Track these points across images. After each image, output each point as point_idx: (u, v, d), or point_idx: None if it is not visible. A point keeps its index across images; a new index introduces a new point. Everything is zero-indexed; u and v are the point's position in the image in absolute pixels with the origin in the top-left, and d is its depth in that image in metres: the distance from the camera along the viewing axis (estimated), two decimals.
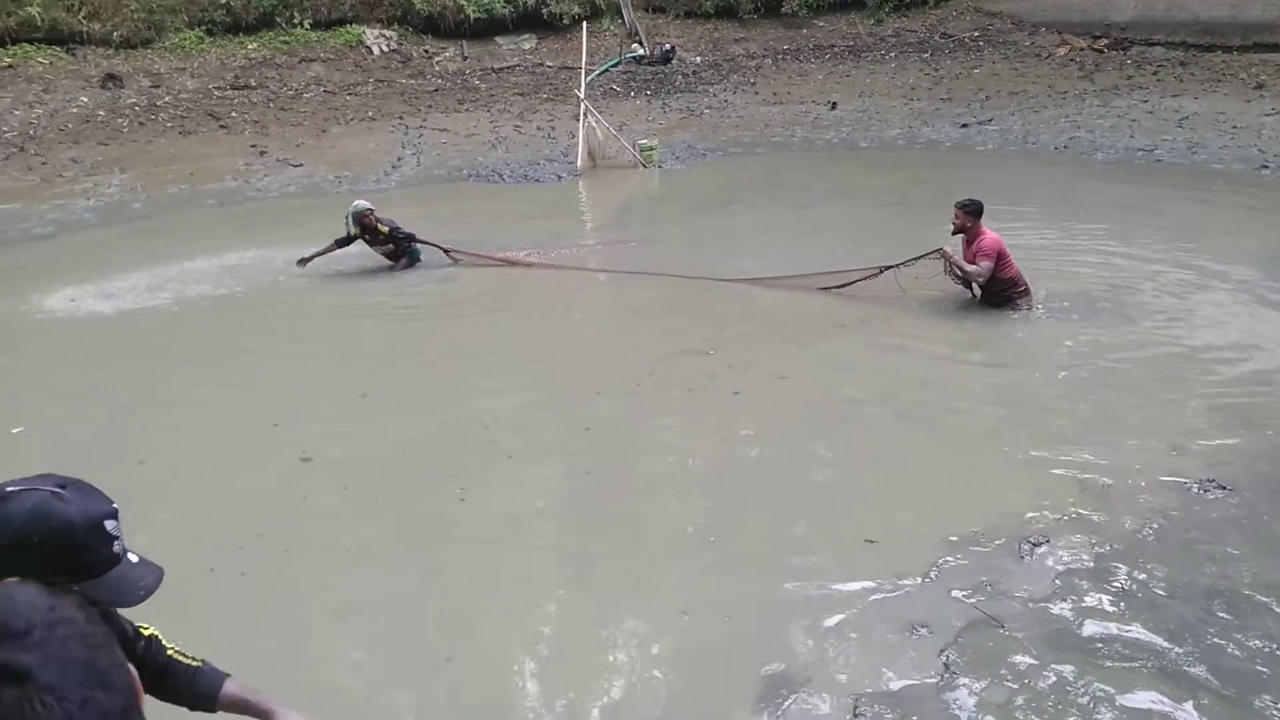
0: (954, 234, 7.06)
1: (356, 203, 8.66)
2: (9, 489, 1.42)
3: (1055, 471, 4.86)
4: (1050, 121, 15.04)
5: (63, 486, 1.46)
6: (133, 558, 1.55)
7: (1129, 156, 12.75)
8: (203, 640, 3.71)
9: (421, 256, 8.95)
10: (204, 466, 5.23)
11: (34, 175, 13.25)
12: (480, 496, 4.82)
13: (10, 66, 17.35)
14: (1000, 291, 7.01)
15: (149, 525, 4.58)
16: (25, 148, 14.56)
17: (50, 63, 17.80)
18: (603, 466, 5.09)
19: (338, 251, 8.65)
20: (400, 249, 8.74)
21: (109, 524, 1.50)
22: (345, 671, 3.61)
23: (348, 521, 4.61)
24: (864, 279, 7.35)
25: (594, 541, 4.44)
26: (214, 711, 2.01)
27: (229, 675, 2.02)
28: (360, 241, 8.65)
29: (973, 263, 6.93)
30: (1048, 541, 4.24)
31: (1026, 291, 7.06)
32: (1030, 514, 4.47)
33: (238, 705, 2.00)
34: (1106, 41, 20.23)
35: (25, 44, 17.73)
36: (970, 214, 6.94)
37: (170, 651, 1.92)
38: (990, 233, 6.96)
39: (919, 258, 7.11)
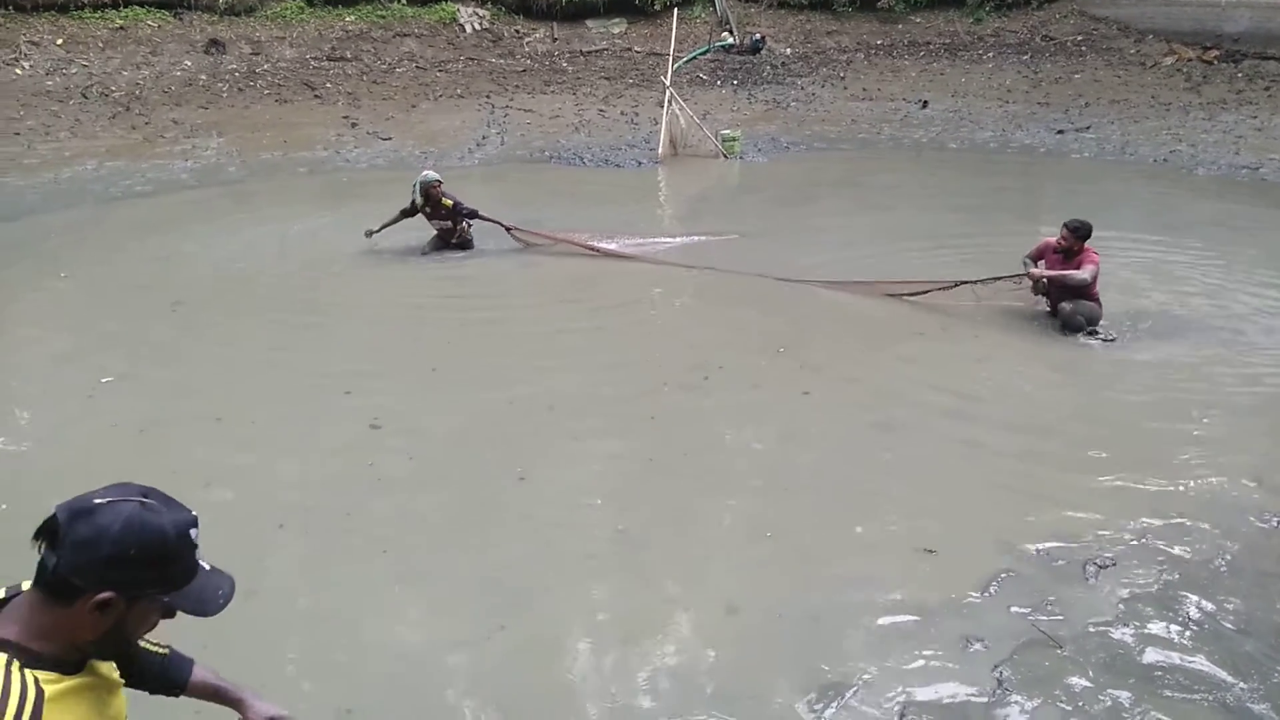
0: (1055, 252, 6.78)
1: (426, 172, 8.69)
2: (96, 501, 1.42)
3: (1129, 493, 4.73)
4: (1151, 133, 14.50)
5: (146, 495, 1.47)
6: (206, 565, 1.56)
7: (1232, 174, 12.23)
8: (271, 592, 3.89)
9: (474, 243, 8.90)
10: (278, 427, 5.41)
11: (137, 134, 13.78)
12: (541, 475, 4.89)
13: (121, 28, 18.06)
14: (1079, 303, 6.77)
15: (222, 481, 4.78)
16: (131, 107, 15.15)
17: (159, 26, 18.46)
18: (665, 455, 5.11)
19: (406, 224, 8.72)
20: (458, 227, 8.73)
21: (193, 532, 1.51)
22: (402, 631, 3.71)
23: (411, 490, 4.73)
24: (938, 289, 7.19)
25: (651, 527, 4.47)
26: (179, 697, 1.98)
27: (194, 661, 1.99)
28: (421, 215, 8.66)
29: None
30: (1114, 564, 4.13)
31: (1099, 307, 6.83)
32: (1099, 535, 4.36)
33: (206, 691, 1.99)
34: (1217, 53, 19.35)
35: (136, 6, 18.43)
36: (1081, 238, 6.67)
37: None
38: (1092, 250, 6.73)
39: (1001, 278, 6.89)
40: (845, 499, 4.72)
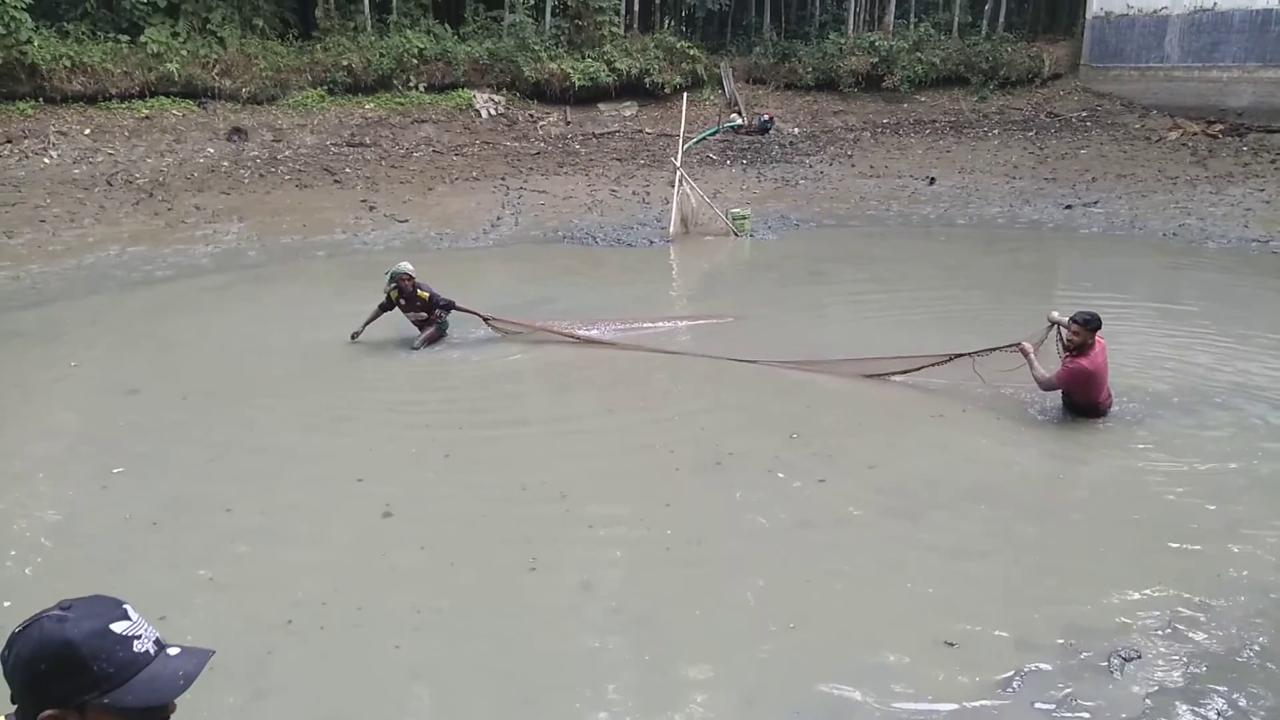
0: (1068, 349, 6.40)
1: (400, 264, 8.50)
2: (14, 631, 1.43)
3: (1154, 579, 4.62)
4: (1159, 207, 14.61)
5: (67, 607, 1.45)
6: (172, 651, 1.51)
7: (1243, 247, 12.26)
8: (281, 693, 3.83)
9: (449, 329, 8.72)
10: (288, 517, 5.40)
11: (159, 220, 14.07)
12: (555, 565, 4.84)
13: (147, 117, 18.62)
14: (1079, 407, 6.58)
15: (231, 574, 4.76)
16: (154, 194, 15.52)
17: (183, 115, 19.03)
18: (681, 543, 5.05)
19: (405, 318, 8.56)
20: (433, 317, 8.55)
21: (119, 626, 1.46)
22: None
23: (423, 582, 4.68)
24: (933, 365, 7.06)
25: (668, 617, 4.41)
26: None
27: None
28: (397, 309, 8.48)
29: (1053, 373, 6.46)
30: (1140, 656, 4.02)
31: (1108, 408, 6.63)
32: (1123, 625, 4.25)
33: None
34: (1221, 127, 19.62)
35: (162, 96, 19.03)
36: (1091, 330, 6.30)
37: None
38: (1097, 351, 6.32)
39: (994, 349, 6.78)
40: (865, 589, 4.64)
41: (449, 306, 8.57)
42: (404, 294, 8.40)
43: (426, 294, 8.41)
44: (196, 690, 1.71)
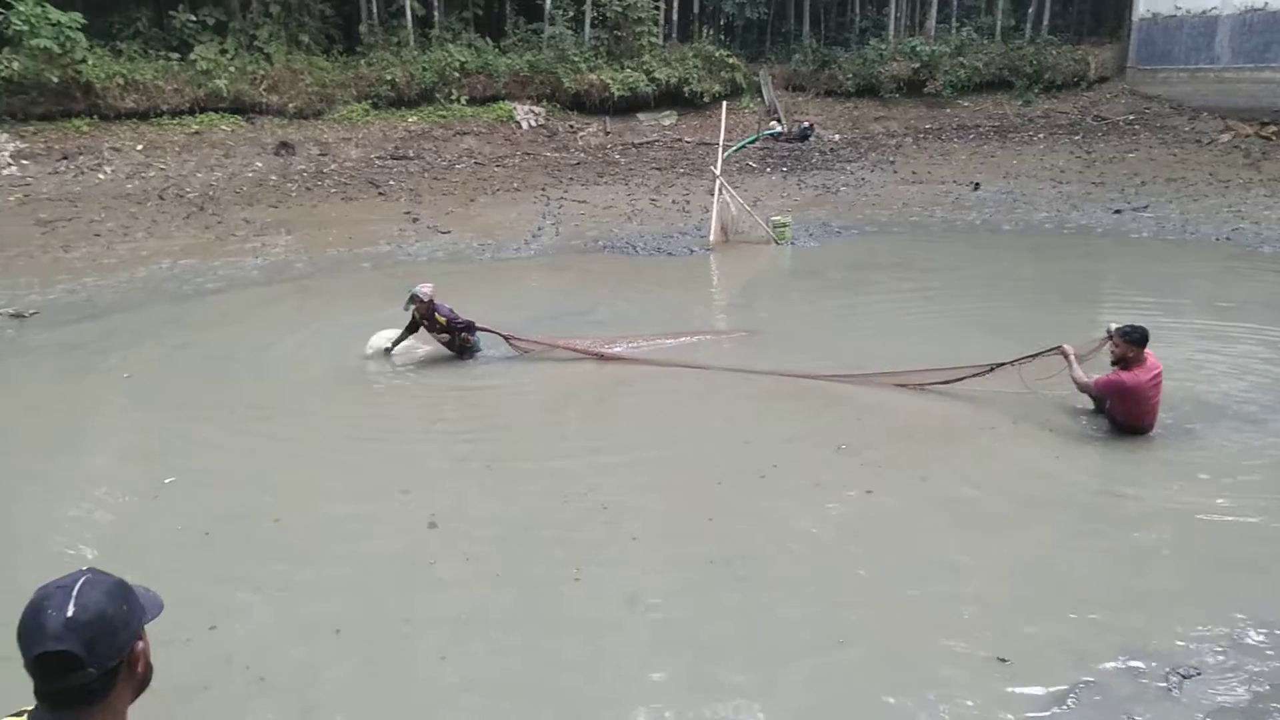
0: (1113, 364, 6.24)
1: (418, 286, 8.38)
2: (70, 612, 1.58)
3: (1215, 599, 4.49)
4: (1211, 211, 14.27)
5: (82, 574, 1.67)
6: None
7: None
8: (329, 705, 3.86)
9: (481, 347, 8.65)
10: (336, 528, 5.45)
11: (210, 233, 14.35)
12: (598, 577, 4.82)
13: (197, 133, 19.04)
14: (1120, 425, 6.40)
15: (280, 583, 4.81)
16: (205, 208, 15.84)
17: (232, 130, 19.44)
18: (727, 556, 5.00)
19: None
20: (456, 338, 8.49)
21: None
22: None
23: (469, 593, 4.70)
24: (974, 376, 6.94)
25: (716, 633, 4.36)
26: None
27: None
28: (422, 327, 8.42)
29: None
30: (1199, 674, 3.91)
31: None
32: (1182, 642, 4.14)
33: None
34: (1276, 128, 19.15)
35: (211, 113, 19.44)
36: (1133, 343, 6.13)
37: None
38: (1143, 370, 6.11)
39: (1034, 356, 6.67)
40: (917, 603, 4.56)
41: (469, 327, 8.46)
42: (424, 315, 8.37)
43: (444, 318, 8.33)
44: (247, 704, 1.78)
